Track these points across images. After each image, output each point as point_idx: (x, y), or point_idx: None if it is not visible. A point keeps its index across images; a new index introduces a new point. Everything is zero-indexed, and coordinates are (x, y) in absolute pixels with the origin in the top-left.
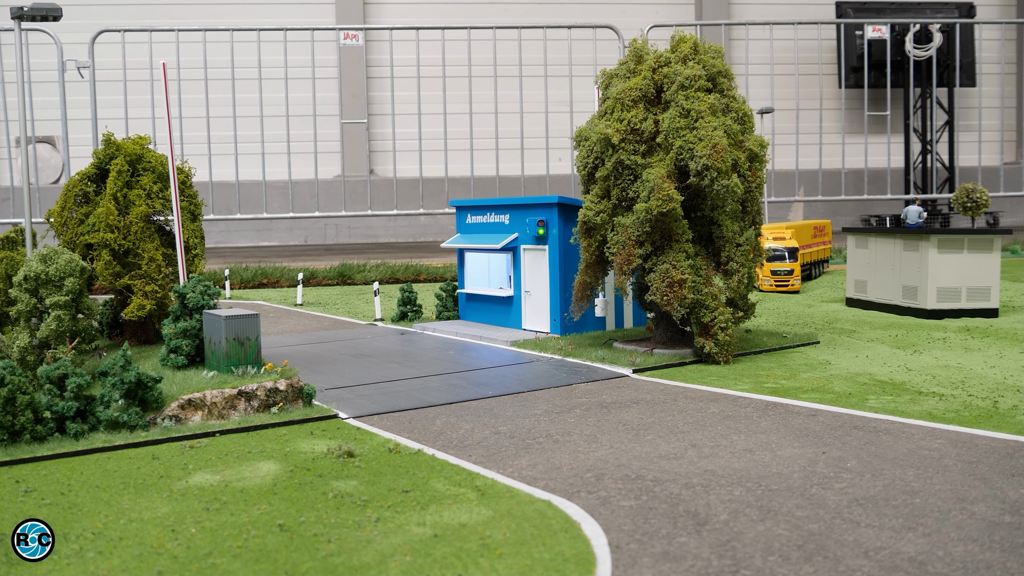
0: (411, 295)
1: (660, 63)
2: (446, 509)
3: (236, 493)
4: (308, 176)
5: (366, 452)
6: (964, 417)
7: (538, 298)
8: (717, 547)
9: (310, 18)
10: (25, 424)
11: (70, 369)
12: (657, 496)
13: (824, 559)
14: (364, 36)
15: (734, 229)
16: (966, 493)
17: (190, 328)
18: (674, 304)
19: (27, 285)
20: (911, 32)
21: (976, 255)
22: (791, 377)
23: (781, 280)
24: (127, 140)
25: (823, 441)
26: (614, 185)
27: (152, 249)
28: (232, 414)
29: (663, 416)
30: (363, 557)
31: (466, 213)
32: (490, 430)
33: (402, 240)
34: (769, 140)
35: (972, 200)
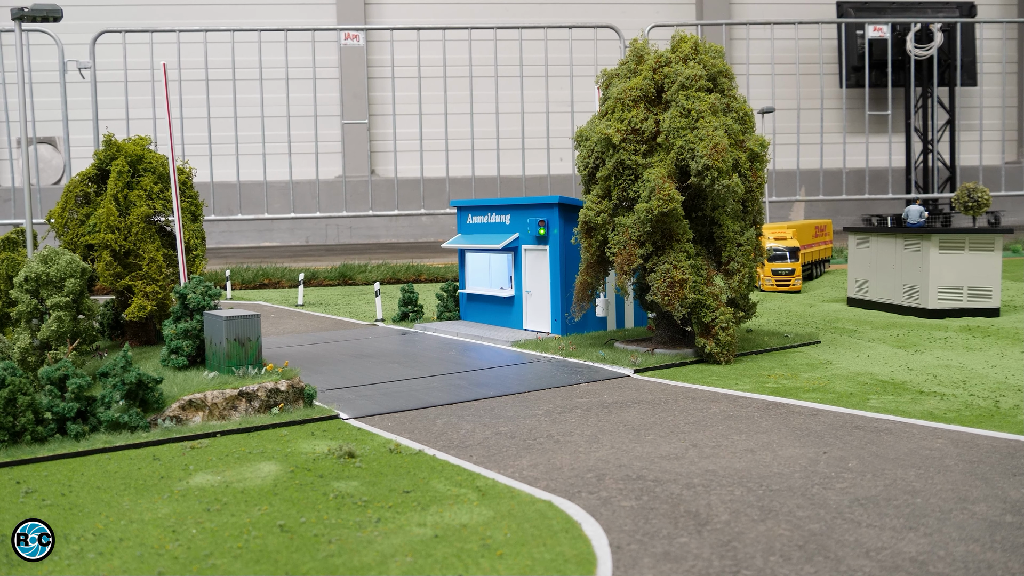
0: (412, 295)
1: (661, 63)
2: (447, 509)
3: (237, 494)
4: (309, 176)
5: (367, 453)
6: (965, 417)
7: (539, 298)
8: (718, 547)
9: (311, 18)
10: (26, 425)
11: (71, 370)
12: (658, 496)
13: (825, 559)
14: (365, 36)
15: (735, 229)
16: (967, 493)
17: (191, 329)
18: (675, 304)
19: (28, 286)
20: (912, 32)
21: (977, 254)
22: (792, 377)
23: (782, 280)
24: (128, 141)
25: (824, 441)
26: (615, 185)
27: (153, 250)
28: (233, 415)
29: (664, 416)
30: (364, 558)
31: (467, 213)
32: (491, 430)
33: (403, 240)
34: (770, 140)
35: (973, 199)
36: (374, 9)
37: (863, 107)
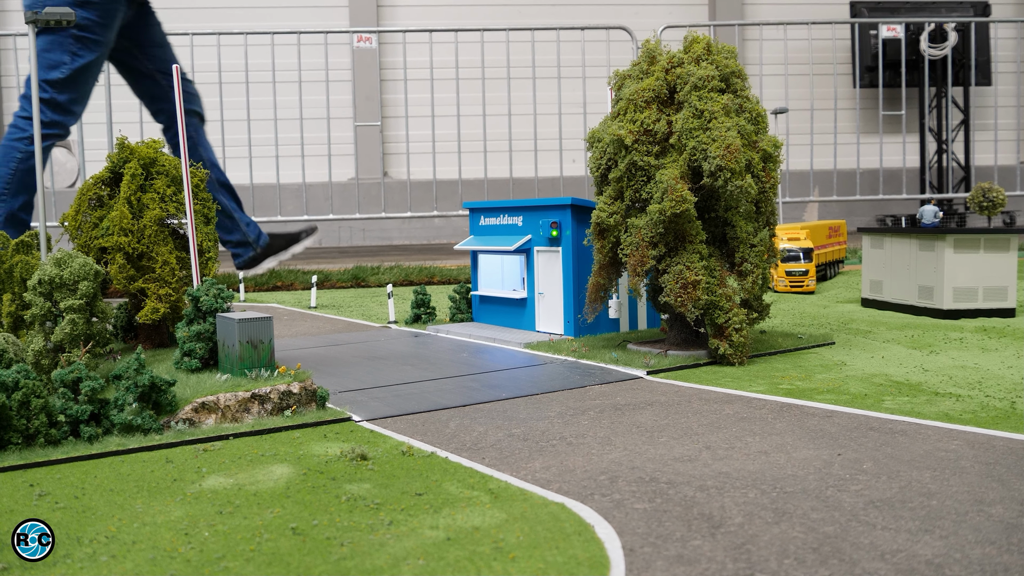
0: (425, 297)
1: (673, 64)
2: (459, 512)
3: (249, 496)
4: (322, 179)
5: (379, 455)
6: (981, 418)
7: (552, 300)
8: (732, 550)
9: (324, 21)
10: (39, 427)
11: (84, 372)
12: (671, 499)
13: (840, 562)
14: (377, 39)
15: (748, 230)
16: (983, 495)
17: (204, 331)
18: (688, 305)
19: (41, 289)
20: (926, 31)
21: (993, 255)
22: (806, 378)
23: (796, 281)
24: (141, 144)
25: (838, 443)
26: (627, 186)
27: (166, 252)
28: (245, 417)
29: (677, 418)
30: (376, 560)
31: (479, 215)
32: (504, 432)
33: (416, 242)
34: (783, 140)
35: (988, 199)
36: (386, 11)
37: (877, 107)
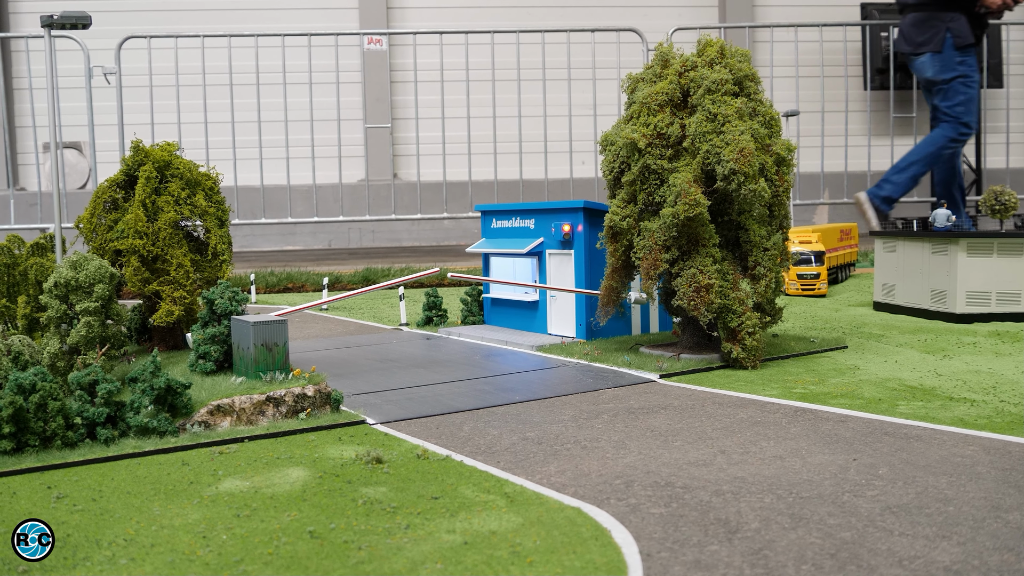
0: (436, 300)
1: (687, 67)
2: (476, 516)
3: (266, 499)
4: (332, 180)
5: (394, 458)
6: (996, 423)
7: (564, 303)
8: (749, 555)
9: (334, 23)
10: (56, 430)
11: (100, 375)
12: (687, 503)
13: (858, 568)
14: (388, 41)
15: (761, 233)
16: (1000, 501)
17: (218, 334)
18: (701, 309)
19: (57, 291)
20: None
21: (1006, 258)
22: (820, 382)
23: (807, 284)
24: (155, 147)
25: (854, 448)
26: (640, 190)
27: (180, 255)
28: (260, 420)
29: (691, 422)
30: (394, 565)
31: (491, 218)
32: (518, 436)
33: (426, 244)
34: (795, 143)
35: (1000, 203)
36: (396, 13)
37: (888, 109)
